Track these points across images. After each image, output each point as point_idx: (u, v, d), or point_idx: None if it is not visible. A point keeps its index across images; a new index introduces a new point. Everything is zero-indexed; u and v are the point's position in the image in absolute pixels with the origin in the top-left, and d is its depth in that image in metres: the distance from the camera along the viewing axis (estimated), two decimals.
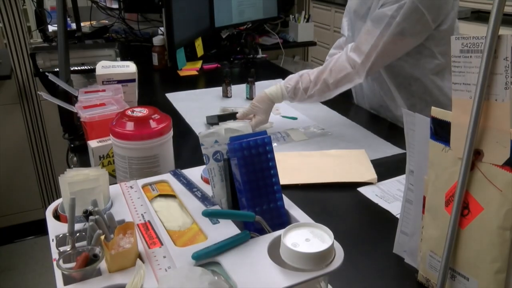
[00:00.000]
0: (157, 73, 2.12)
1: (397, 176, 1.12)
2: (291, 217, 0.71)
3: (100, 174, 0.73)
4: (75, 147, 1.28)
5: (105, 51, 2.03)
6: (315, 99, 1.39)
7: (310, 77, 1.36)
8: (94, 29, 2.57)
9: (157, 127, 0.92)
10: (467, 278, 0.67)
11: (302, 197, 1.04)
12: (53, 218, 0.70)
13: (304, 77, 1.37)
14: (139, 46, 2.46)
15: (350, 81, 1.34)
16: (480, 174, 0.62)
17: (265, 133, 0.71)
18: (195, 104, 1.67)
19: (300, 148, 1.30)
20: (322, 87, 1.35)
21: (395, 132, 1.42)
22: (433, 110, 0.67)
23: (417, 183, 0.76)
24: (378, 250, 0.87)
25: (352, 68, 1.31)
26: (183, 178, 0.82)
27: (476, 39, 0.58)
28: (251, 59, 2.27)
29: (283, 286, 0.56)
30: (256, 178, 0.69)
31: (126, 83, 1.32)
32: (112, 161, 1.01)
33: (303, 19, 2.83)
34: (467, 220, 0.64)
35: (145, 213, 0.71)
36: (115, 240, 0.59)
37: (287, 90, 1.38)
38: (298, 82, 1.37)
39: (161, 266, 0.60)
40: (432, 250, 0.72)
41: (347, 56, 1.33)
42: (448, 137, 0.65)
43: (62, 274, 0.57)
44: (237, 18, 2.47)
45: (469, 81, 0.60)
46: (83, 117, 1.05)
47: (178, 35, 2.02)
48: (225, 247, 0.62)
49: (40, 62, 1.99)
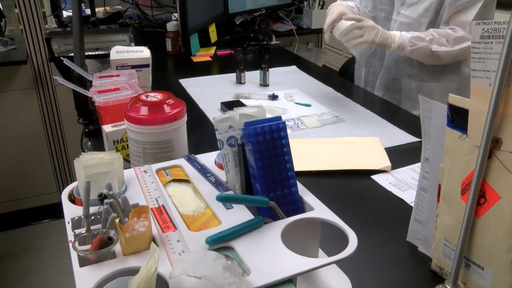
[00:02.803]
0: (170, 58, 2.12)
1: (411, 164, 1.11)
2: (305, 204, 0.71)
3: (114, 158, 0.73)
4: (89, 131, 1.29)
5: (119, 36, 2.03)
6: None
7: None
8: (108, 14, 2.57)
9: (171, 112, 0.92)
10: (482, 267, 0.66)
11: (316, 184, 1.03)
12: (68, 201, 0.71)
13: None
14: (153, 31, 2.46)
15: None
16: (498, 162, 0.61)
17: (279, 118, 0.71)
18: (209, 90, 1.66)
19: (314, 135, 1.30)
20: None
21: (409, 120, 1.40)
22: (451, 97, 0.66)
23: (433, 171, 0.76)
24: (392, 238, 0.87)
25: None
26: (197, 163, 0.82)
27: (498, 24, 0.57)
28: (264, 45, 2.26)
29: (297, 271, 0.56)
30: (270, 164, 0.69)
31: (140, 68, 1.32)
32: (126, 145, 1.01)
33: (318, 6, 2.79)
34: (483, 208, 0.63)
35: (159, 197, 0.72)
36: (130, 223, 0.59)
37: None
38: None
39: (175, 250, 0.60)
40: (447, 239, 0.72)
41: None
42: (466, 124, 0.64)
43: (77, 256, 0.58)
44: (251, 4, 2.45)
45: (489, 67, 0.59)
46: (97, 101, 1.06)
47: (192, 21, 2.01)
48: (239, 232, 0.62)
49: (55, 47, 2.01)
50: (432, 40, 1.40)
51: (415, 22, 1.46)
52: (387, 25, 1.55)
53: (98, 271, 0.56)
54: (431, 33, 1.41)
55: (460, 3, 1.38)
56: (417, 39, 1.40)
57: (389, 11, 1.55)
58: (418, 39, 1.40)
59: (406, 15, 1.47)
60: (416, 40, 1.40)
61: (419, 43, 1.40)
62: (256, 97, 1.58)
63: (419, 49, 1.41)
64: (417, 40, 1.40)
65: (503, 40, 0.55)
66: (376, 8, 1.59)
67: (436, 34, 1.41)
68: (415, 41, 1.40)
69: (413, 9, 1.46)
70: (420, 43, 1.40)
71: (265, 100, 1.57)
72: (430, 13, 1.43)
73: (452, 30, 1.40)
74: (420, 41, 1.40)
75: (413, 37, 1.40)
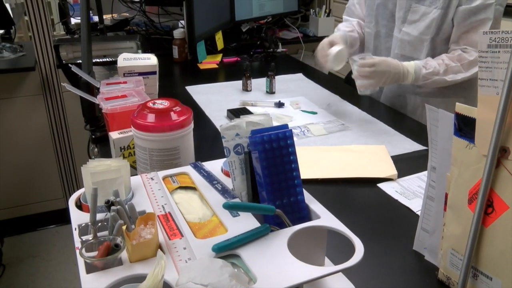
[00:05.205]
0: (177, 66, 2.13)
1: (417, 173, 1.11)
2: (311, 212, 0.71)
3: (121, 165, 0.73)
4: (96, 138, 1.30)
5: (127, 43, 2.05)
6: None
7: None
8: (115, 22, 2.59)
9: (178, 119, 0.92)
10: (490, 277, 0.65)
11: (322, 192, 1.03)
12: (75, 207, 0.71)
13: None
14: (160, 39, 2.47)
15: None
16: (505, 172, 0.61)
17: (286, 126, 0.71)
18: (215, 97, 1.67)
19: (320, 143, 1.30)
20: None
21: (416, 128, 1.40)
22: (458, 106, 0.66)
23: (439, 179, 0.75)
24: (398, 246, 0.86)
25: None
26: (204, 170, 0.83)
27: (505, 34, 0.57)
28: (271, 53, 2.26)
29: (303, 280, 0.56)
30: (277, 172, 0.69)
31: (147, 75, 1.32)
32: (132, 152, 1.01)
33: (324, 13, 2.80)
34: (491, 218, 0.63)
35: (165, 204, 0.72)
36: (136, 230, 0.59)
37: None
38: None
39: (182, 258, 0.60)
40: (454, 248, 0.71)
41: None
42: (473, 133, 0.64)
43: (84, 263, 0.58)
44: (258, 12, 2.46)
45: (496, 76, 0.59)
46: (104, 108, 1.06)
47: (199, 28, 2.02)
48: (245, 240, 0.62)
49: (63, 54, 2.02)
50: (446, 71, 1.38)
51: (416, 39, 1.45)
52: (388, 41, 1.55)
53: (105, 278, 0.56)
54: (445, 62, 1.39)
55: (468, 23, 1.35)
56: (431, 74, 1.39)
57: (390, 27, 1.54)
58: (432, 74, 1.39)
59: (408, 33, 1.46)
60: (429, 75, 1.39)
61: (433, 77, 1.39)
62: (263, 105, 1.58)
63: (432, 82, 1.40)
64: (430, 75, 1.39)
65: (510, 49, 0.55)
66: (378, 23, 1.58)
67: (448, 61, 1.39)
68: (428, 76, 1.39)
69: (415, 26, 1.44)
70: (434, 77, 1.39)
71: (271, 107, 1.57)
72: (431, 29, 1.41)
73: (464, 51, 1.38)
74: (434, 76, 1.39)
75: (427, 73, 1.38)
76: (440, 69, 1.38)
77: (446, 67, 1.38)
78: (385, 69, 1.37)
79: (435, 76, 1.39)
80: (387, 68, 1.37)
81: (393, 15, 1.51)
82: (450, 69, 1.38)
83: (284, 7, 2.59)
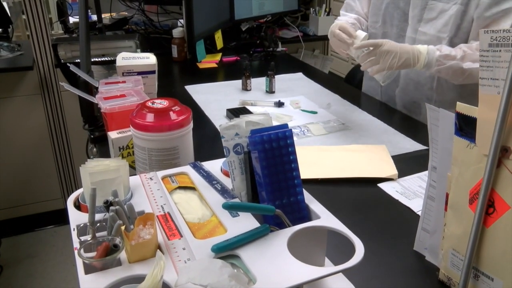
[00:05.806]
0: (176, 65, 2.12)
1: (418, 173, 1.11)
2: (311, 212, 0.70)
3: (120, 165, 0.73)
4: (95, 138, 1.29)
5: (126, 42, 2.04)
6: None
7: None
8: (114, 20, 2.58)
9: (177, 119, 0.92)
10: (492, 278, 0.65)
11: (322, 192, 1.02)
12: (74, 207, 0.71)
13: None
14: (159, 38, 2.47)
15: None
16: (507, 171, 0.60)
17: (286, 126, 0.70)
18: (215, 96, 1.67)
19: (320, 143, 1.29)
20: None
21: (416, 128, 1.40)
22: (458, 105, 0.66)
23: (440, 179, 0.75)
24: (398, 247, 0.86)
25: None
26: (203, 170, 0.82)
27: (506, 33, 0.57)
28: (270, 52, 2.26)
29: (303, 280, 0.56)
30: (277, 172, 0.68)
31: (146, 75, 1.32)
32: (131, 152, 1.01)
33: (324, 12, 2.80)
34: (492, 218, 0.63)
35: (164, 204, 0.72)
36: (135, 230, 0.59)
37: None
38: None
39: (181, 258, 0.60)
40: (455, 248, 0.71)
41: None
42: (474, 133, 0.64)
43: (83, 263, 0.58)
44: (257, 11, 2.46)
45: (497, 76, 0.59)
46: (103, 108, 1.06)
47: (198, 27, 2.02)
48: (245, 240, 0.62)
49: (61, 53, 2.01)
50: (464, 57, 1.26)
51: (433, 38, 1.35)
52: (400, 42, 1.39)
53: (104, 278, 0.56)
54: (463, 49, 1.27)
55: (489, 14, 1.25)
56: (446, 57, 1.27)
57: (401, 27, 1.46)
58: (447, 58, 1.27)
59: (424, 32, 1.38)
60: (444, 59, 1.27)
61: (448, 61, 1.27)
62: (262, 104, 1.58)
63: (447, 68, 1.28)
64: (445, 59, 1.27)
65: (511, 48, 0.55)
66: (386, 23, 1.51)
67: (468, 49, 1.27)
68: (443, 60, 1.27)
69: (432, 24, 1.36)
70: (449, 61, 1.27)
71: (271, 107, 1.57)
72: (449, 27, 1.31)
73: None
74: (449, 60, 1.27)
75: (441, 56, 1.27)
76: (457, 54, 1.27)
77: (463, 53, 1.26)
78: (387, 49, 1.26)
79: (451, 60, 1.26)
80: (391, 47, 1.26)
81: (405, 14, 1.44)
82: (469, 56, 1.26)
83: (284, 6, 2.59)
